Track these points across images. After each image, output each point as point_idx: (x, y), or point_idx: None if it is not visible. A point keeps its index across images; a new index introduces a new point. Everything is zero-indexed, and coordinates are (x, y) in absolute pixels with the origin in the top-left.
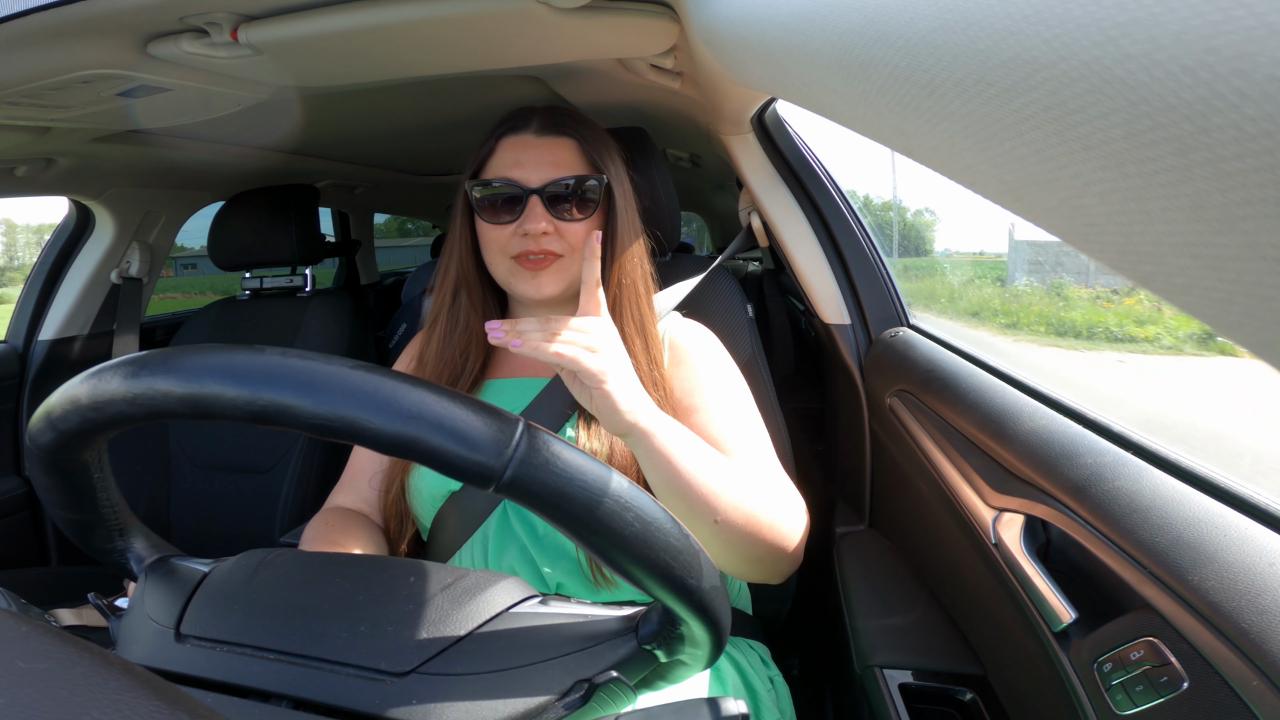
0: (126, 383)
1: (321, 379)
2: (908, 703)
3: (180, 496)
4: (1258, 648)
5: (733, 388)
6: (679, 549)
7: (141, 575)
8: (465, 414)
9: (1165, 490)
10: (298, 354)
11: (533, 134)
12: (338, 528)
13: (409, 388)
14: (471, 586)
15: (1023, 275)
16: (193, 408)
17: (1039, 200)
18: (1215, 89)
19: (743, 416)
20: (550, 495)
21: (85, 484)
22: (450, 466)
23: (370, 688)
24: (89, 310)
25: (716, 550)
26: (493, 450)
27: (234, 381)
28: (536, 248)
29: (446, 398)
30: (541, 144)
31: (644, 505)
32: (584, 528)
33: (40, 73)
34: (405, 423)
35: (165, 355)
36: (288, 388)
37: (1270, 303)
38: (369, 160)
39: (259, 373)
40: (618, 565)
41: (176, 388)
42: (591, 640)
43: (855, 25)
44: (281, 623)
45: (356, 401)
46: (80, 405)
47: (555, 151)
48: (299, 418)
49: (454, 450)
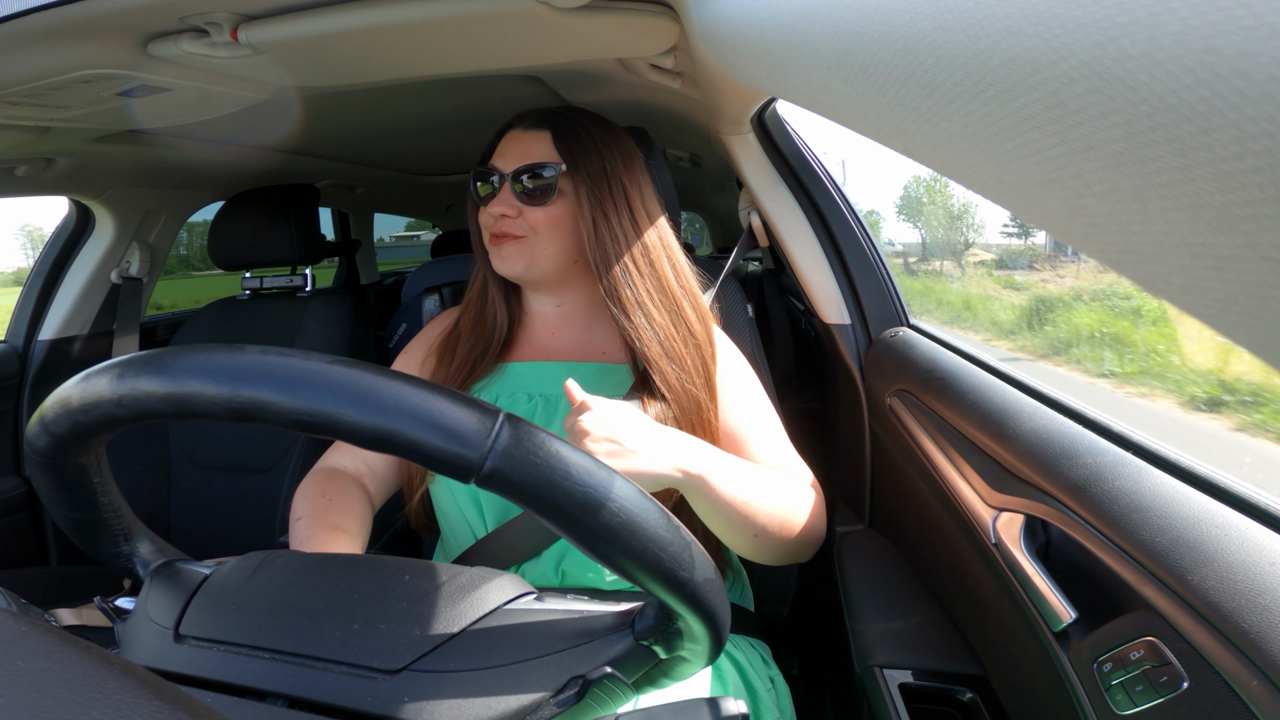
0: (112, 385)
1: (299, 374)
2: (907, 702)
3: (180, 496)
4: (1258, 648)
5: (746, 382)
6: (668, 541)
7: (147, 579)
8: (443, 405)
9: (1165, 490)
10: (277, 351)
11: (522, 128)
12: (335, 503)
13: (386, 381)
14: (466, 584)
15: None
16: (175, 407)
17: (1039, 200)
18: (1215, 89)
19: (756, 406)
20: (531, 487)
21: (85, 488)
22: (429, 459)
23: (363, 685)
24: (89, 310)
25: (753, 553)
26: (472, 441)
27: (213, 380)
28: (498, 229)
29: (424, 390)
30: (524, 136)
31: (629, 496)
32: (568, 520)
33: (40, 73)
34: (383, 416)
35: (148, 357)
36: (265, 384)
37: (1270, 303)
38: (369, 160)
39: (237, 370)
40: (607, 558)
41: (159, 388)
42: (587, 636)
43: (855, 25)
44: (277, 622)
45: (334, 396)
46: (71, 409)
47: (532, 143)
48: (278, 414)
49: (432, 442)
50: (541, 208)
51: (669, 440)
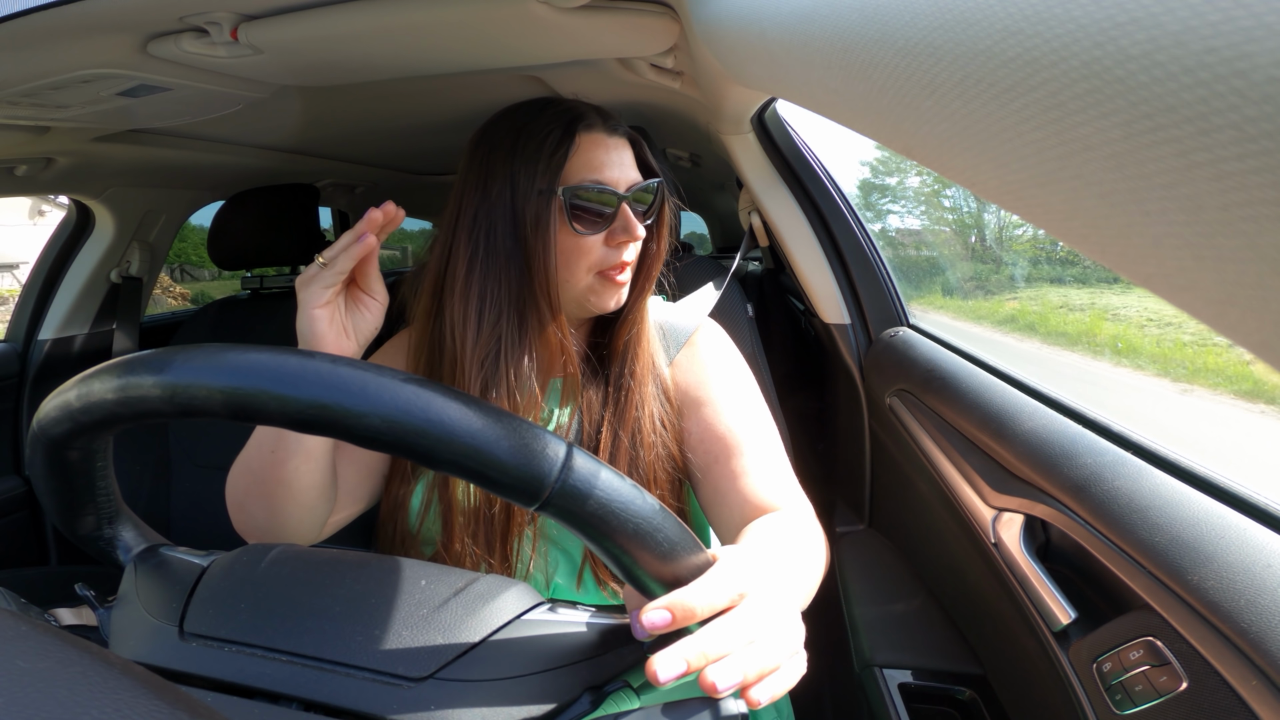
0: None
1: (374, 391)
2: (907, 702)
3: (180, 496)
4: (1257, 648)
5: (742, 384)
6: (699, 566)
7: (130, 565)
8: (517, 433)
9: (1165, 490)
10: (351, 363)
11: (605, 132)
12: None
13: (461, 405)
14: (484, 592)
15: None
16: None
17: (1039, 200)
18: (1215, 89)
19: (752, 412)
20: (590, 517)
21: (85, 472)
22: (497, 485)
23: (387, 692)
24: (89, 310)
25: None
26: (541, 469)
27: (286, 387)
28: (631, 258)
29: (496, 417)
30: (614, 143)
31: (673, 530)
32: (615, 547)
33: (40, 73)
34: (462, 438)
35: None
36: (341, 394)
37: (1270, 303)
38: (369, 160)
39: (314, 379)
40: (640, 583)
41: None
42: (602, 648)
43: (855, 25)
44: (293, 623)
45: (418, 421)
46: (106, 401)
47: (625, 151)
48: (353, 432)
49: (506, 468)
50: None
51: (787, 603)
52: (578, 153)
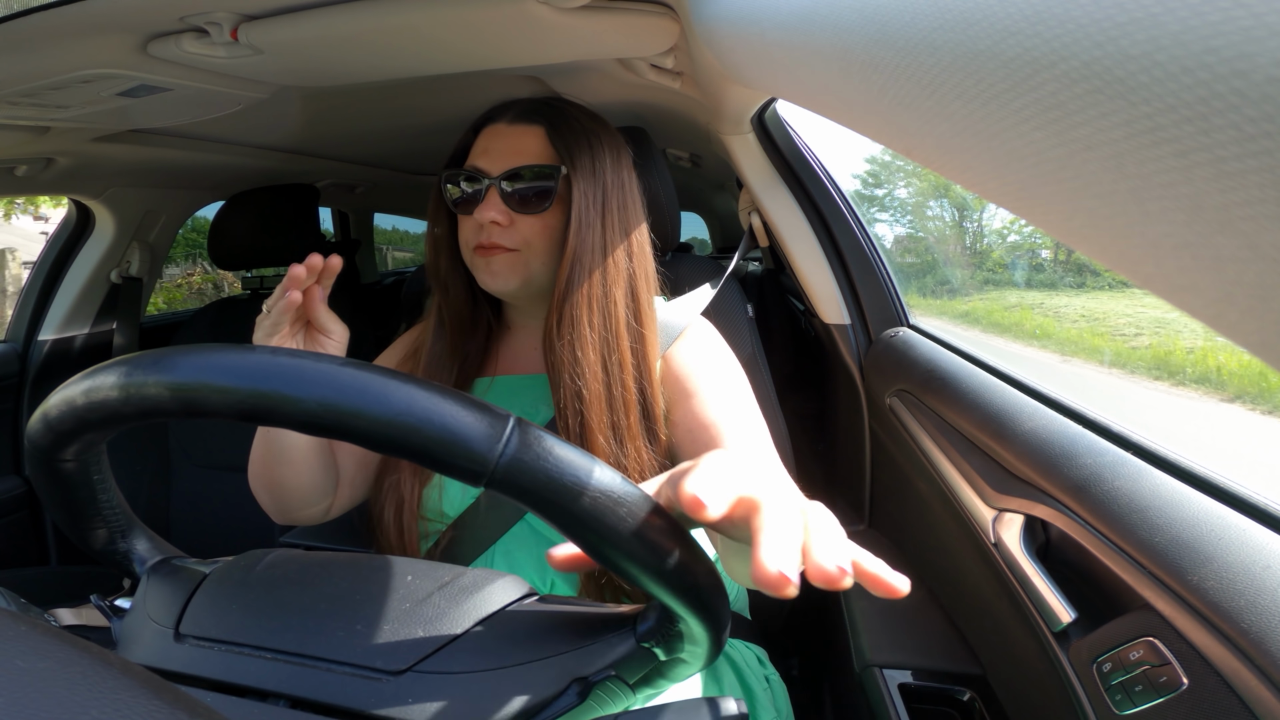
0: (119, 382)
1: (311, 375)
2: (907, 703)
3: (180, 496)
4: (1257, 648)
5: (731, 377)
6: (675, 545)
7: (144, 577)
8: (457, 408)
9: (1165, 490)
10: (287, 352)
11: (506, 122)
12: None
13: (400, 384)
14: (469, 585)
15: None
16: (185, 406)
17: (1039, 200)
18: (1215, 89)
19: (740, 405)
20: (542, 490)
21: (85, 484)
22: (441, 462)
23: (366, 686)
24: (89, 310)
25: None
26: (486, 444)
27: (223, 378)
28: (487, 240)
29: (438, 393)
30: (511, 132)
31: (638, 502)
32: (575, 522)
33: (40, 73)
34: (396, 417)
35: (156, 355)
36: (277, 383)
37: (1270, 303)
38: (369, 160)
39: (248, 370)
40: (610, 561)
41: (167, 389)
42: (589, 638)
43: (855, 25)
44: (279, 621)
45: (347, 397)
46: (75, 407)
47: (522, 140)
48: (289, 414)
49: (446, 445)
50: (537, 216)
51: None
52: (476, 144)
